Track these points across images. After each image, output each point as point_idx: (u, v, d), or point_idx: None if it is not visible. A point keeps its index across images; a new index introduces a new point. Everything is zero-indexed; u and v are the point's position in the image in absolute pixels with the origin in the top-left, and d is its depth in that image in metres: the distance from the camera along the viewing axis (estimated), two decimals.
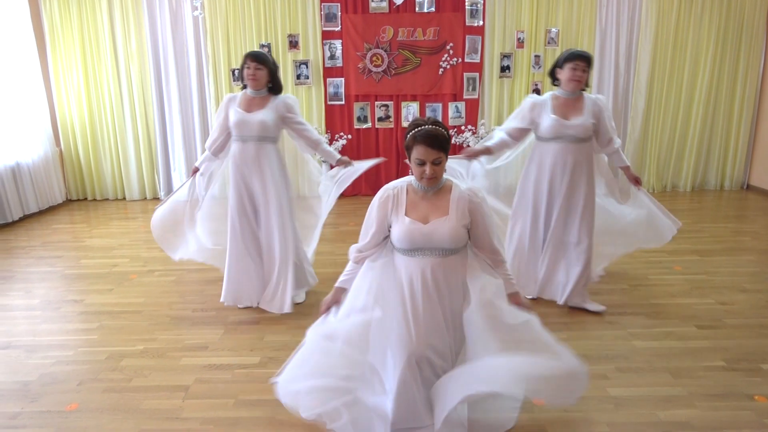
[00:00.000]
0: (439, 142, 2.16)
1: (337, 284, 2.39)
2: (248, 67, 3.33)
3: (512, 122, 3.46)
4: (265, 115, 3.34)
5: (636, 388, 2.61)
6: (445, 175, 2.30)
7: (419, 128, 2.18)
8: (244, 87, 3.44)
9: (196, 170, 3.60)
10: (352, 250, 2.39)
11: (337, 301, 2.37)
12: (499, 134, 3.45)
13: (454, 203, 2.23)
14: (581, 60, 3.21)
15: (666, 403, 2.49)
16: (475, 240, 2.30)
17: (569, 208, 3.38)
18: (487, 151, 3.39)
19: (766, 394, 2.56)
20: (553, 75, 3.35)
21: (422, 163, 2.18)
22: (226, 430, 2.36)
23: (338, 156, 3.61)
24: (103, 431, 2.37)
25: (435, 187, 2.26)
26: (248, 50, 6.26)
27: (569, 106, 3.28)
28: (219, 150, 3.54)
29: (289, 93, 6.40)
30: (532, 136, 3.49)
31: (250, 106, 3.38)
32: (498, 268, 2.34)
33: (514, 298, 2.34)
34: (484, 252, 2.31)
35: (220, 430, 2.36)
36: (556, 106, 3.30)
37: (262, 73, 3.34)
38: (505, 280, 2.33)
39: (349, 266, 2.41)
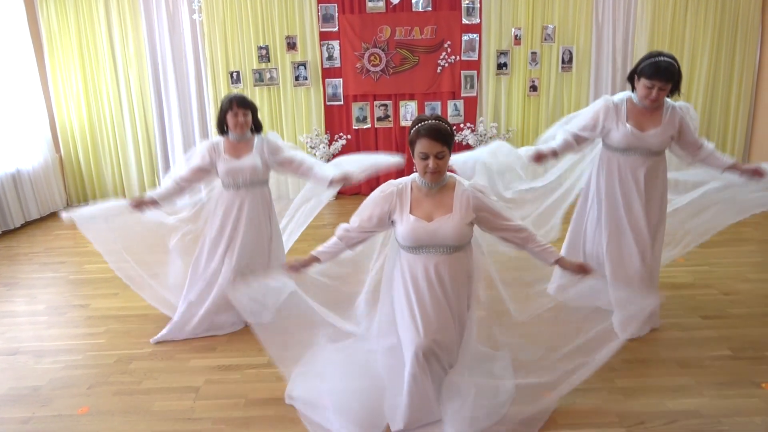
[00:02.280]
0: (443, 135, 2.19)
1: (313, 252, 2.40)
2: (236, 114, 3.15)
3: (580, 125, 2.98)
4: (254, 159, 3.22)
5: (644, 379, 2.63)
6: (448, 173, 2.33)
7: (422, 123, 2.21)
8: (223, 132, 3.25)
9: (147, 202, 3.25)
10: (340, 227, 2.41)
11: (305, 266, 2.39)
12: (563, 135, 3.01)
13: (458, 200, 2.26)
14: (659, 80, 2.67)
15: (674, 392, 2.51)
16: (495, 230, 2.32)
17: (640, 228, 2.94)
18: (554, 154, 3.01)
19: None
20: (631, 80, 2.87)
21: (426, 157, 2.20)
22: (239, 429, 2.37)
23: (330, 176, 3.28)
24: None
25: (438, 183, 2.28)
26: (246, 53, 6.35)
27: (646, 114, 2.84)
28: (182, 191, 3.30)
29: (289, 92, 6.45)
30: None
31: (237, 151, 3.23)
32: (529, 245, 2.32)
33: (561, 263, 2.34)
34: (509, 235, 2.32)
35: (233, 430, 2.37)
36: (631, 112, 2.85)
37: (249, 119, 3.22)
38: (543, 251, 2.32)
39: (332, 240, 2.41)
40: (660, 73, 2.66)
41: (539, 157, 2.98)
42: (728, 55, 6.49)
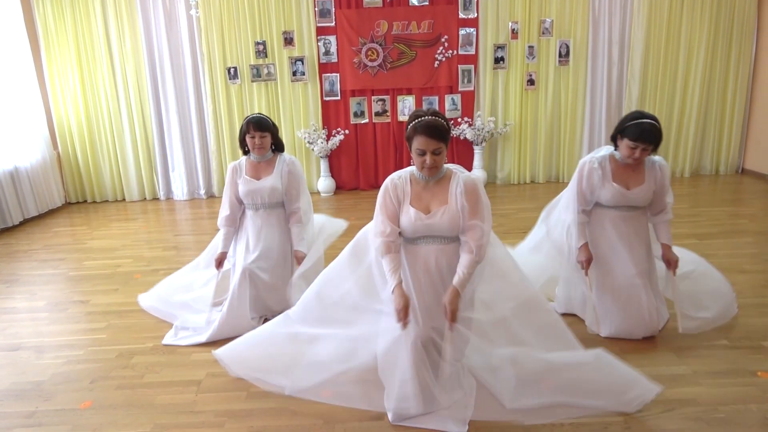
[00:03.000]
0: (439, 132, 2.21)
1: (395, 284, 2.27)
2: (253, 137, 3.19)
3: (578, 199, 2.97)
4: (274, 180, 3.23)
5: (642, 368, 2.63)
6: (445, 165, 2.36)
7: (419, 119, 2.24)
8: (246, 153, 3.30)
9: (224, 256, 3.28)
10: (378, 245, 2.33)
11: (407, 302, 2.26)
12: (573, 223, 3.00)
13: (453, 192, 2.30)
14: (644, 142, 2.72)
15: (671, 381, 2.54)
16: (463, 224, 2.30)
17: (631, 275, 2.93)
18: (586, 244, 2.99)
19: None
20: (614, 139, 2.90)
21: (423, 153, 2.24)
22: (241, 421, 2.39)
23: (304, 252, 3.26)
24: (118, 426, 2.39)
25: (435, 176, 2.33)
26: (243, 49, 6.35)
27: (629, 170, 2.89)
28: (235, 222, 3.34)
29: (286, 87, 6.45)
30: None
31: (257, 172, 3.27)
32: (463, 255, 2.30)
33: (455, 290, 2.28)
34: (463, 237, 2.32)
35: (235, 422, 2.39)
36: (615, 170, 2.90)
37: (267, 140, 3.22)
38: (462, 270, 2.28)
39: (388, 259, 2.32)
40: (644, 136, 2.73)
41: (587, 263, 2.98)
42: (724, 48, 6.52)
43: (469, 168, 6.69)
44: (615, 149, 2.94)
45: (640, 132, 2.73)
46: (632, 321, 2.92)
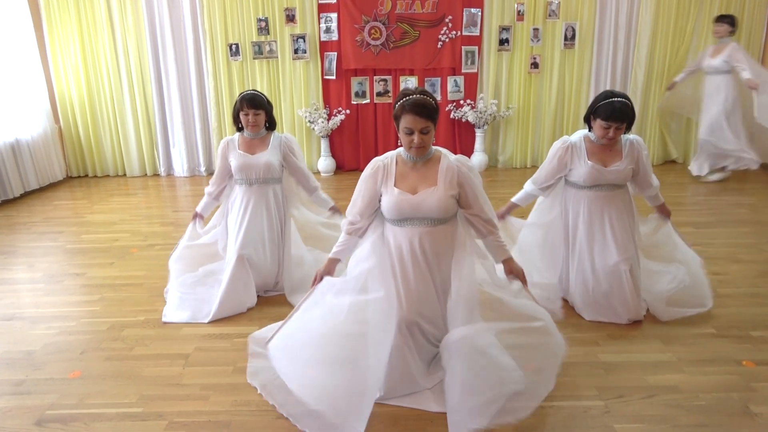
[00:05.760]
0: (427, 111, 2.19)
1: (330, 255, 2.45)
2: (246, 114, 3.22)
3: (544, 171, 3.06)
4: (269, 156, 3.27)
5: (626, 354, 2.67)
6: (434, 147, 2.34)
7: (407, 98, 2.21)
8: (240, 129, 3.34)
9: (197, 216, 3.48)
10: (345, 223, 2.44)
11: (329, 272, 2.43)
12: (527, 187, 3.14)
13: (443, 174, 2.28)
14: (615, 121, 2.76)
15: (655, 368, 2.55)
16: (467, 208, 2.34)
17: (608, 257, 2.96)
18: (513, 206, 3.19)
19: (754, 359, 2.61)
20: (587, 120, 2.95)
21: (411, 132, 2.22)
22: (226, 394, 2.42)
23: (331, 203, 3.51)
24: (105, 396, 2.43)
25: (424, 157, 2.31)
26: (245, 25, 6.29)
27: (605, 150, 2.92)
28: (220, 195, 3.44)
29: (287, 65, 6.41)
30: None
31: (251, 147, 3.30)
32: (490, 237, 2.38)
33: (508, 264, 2.41)
34: (476, 219, 2.34)
35: (220, 395, 2.42)
36: (591, 150, 2.93)
37: (260, 118, 3.26)
38: (499, 247, 2.40)
39: (342, 237, 2.46)
40: (616, 114, 2.76)
41: (501, 215, 3.17)
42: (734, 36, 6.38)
43: (471, 150, 6.65)
44: (589, 130, 2.96)
45: (611, 111, 2.75)
46: (616, 305, 2.94)
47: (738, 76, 5.47)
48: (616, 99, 2.77)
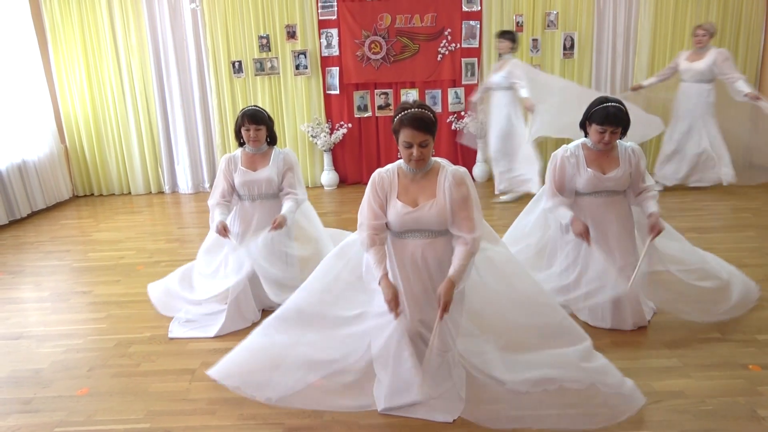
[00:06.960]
0: (425, 124, 2.23)
1: (381, 275, 2.28)
2: (248, 129, 3.26)
3: (553, 188, 3.03)
4: (270, 171, 3.31)
5: (632, 361, 2.66)
6: (433, 158, 2.37)
7: (405, 112, 2.25)
8: (241, 145, 3.38)
9: (224, 226, 3.21)
10: (363, 239, 2.35)
11: (396, 292, 2.27)
12: (555, 205, 3.02)
13: (441, 185, 2.31)
14: (610, 125, 2.80)
15: (661, 373, 2.55)
16: (452, 218, 2.32)
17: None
18: (579, 220, 2.97)
19: (760, 363, 2.61)
20: (583, 126, 2.98)
21: (409, 146, 2.26)
22: (233, 409, 2.44)
23: (286, 215, 3.26)
24: (113, 413, 2.45)
25: (423, 169, 2.34)
26: (247, 43, 6.38)
27: (603, 156, 2.95)
28: (228, 203, 3.38)
29: (289, 81, 6.48)
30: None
31: (253, 163, 3.34)
32: (458, 248, 2.30)
33: (451, 281, 2.27)
34: (456, 233, 2.32)
35: (227, 410, 2.43)
36: (589, 157, 2.95)
37: (262, 133, 3.30)
38: (458, 261, 2.28)
39: (373, 252, 2.33)
40: (610, 119, 2.80)
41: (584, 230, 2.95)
42: (732, 42, 6.42)
43: (473, 161, 6.68)
44: (585, 137, 2.99)
45: (605, 115, 2.80)
46: (619, 311, 2.94)
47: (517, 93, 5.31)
48: (610, 104, 2.82)
